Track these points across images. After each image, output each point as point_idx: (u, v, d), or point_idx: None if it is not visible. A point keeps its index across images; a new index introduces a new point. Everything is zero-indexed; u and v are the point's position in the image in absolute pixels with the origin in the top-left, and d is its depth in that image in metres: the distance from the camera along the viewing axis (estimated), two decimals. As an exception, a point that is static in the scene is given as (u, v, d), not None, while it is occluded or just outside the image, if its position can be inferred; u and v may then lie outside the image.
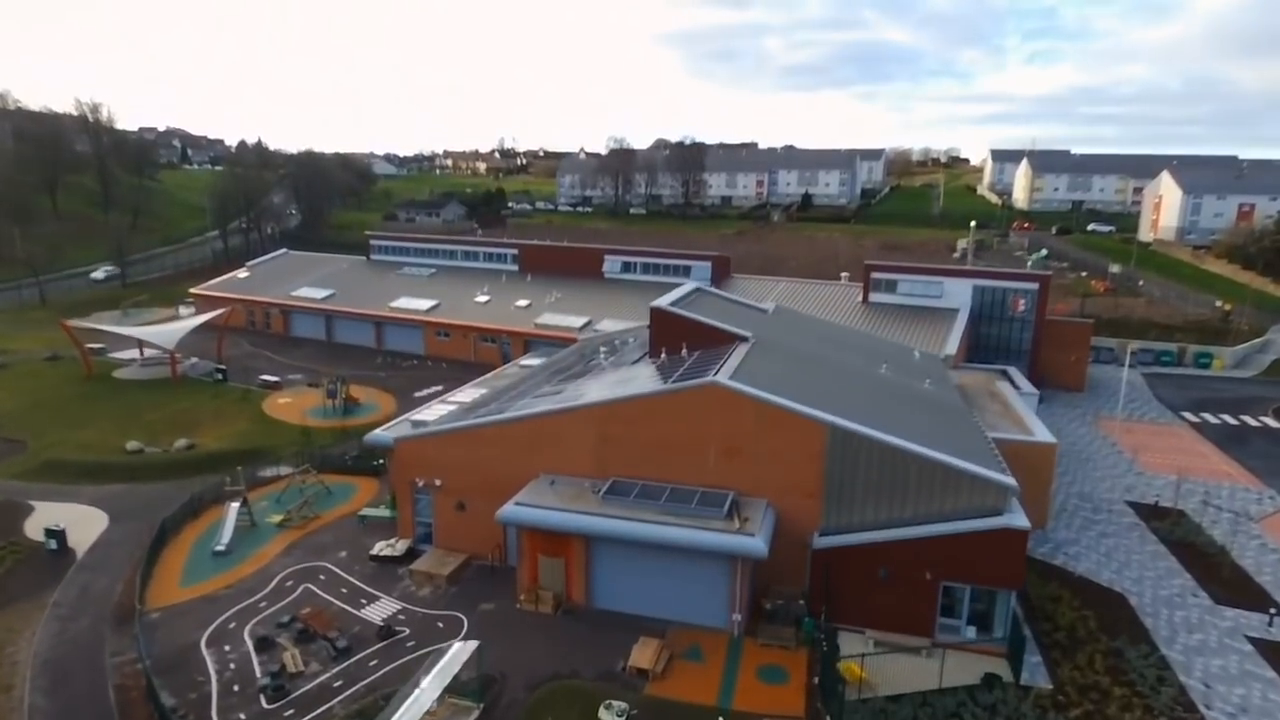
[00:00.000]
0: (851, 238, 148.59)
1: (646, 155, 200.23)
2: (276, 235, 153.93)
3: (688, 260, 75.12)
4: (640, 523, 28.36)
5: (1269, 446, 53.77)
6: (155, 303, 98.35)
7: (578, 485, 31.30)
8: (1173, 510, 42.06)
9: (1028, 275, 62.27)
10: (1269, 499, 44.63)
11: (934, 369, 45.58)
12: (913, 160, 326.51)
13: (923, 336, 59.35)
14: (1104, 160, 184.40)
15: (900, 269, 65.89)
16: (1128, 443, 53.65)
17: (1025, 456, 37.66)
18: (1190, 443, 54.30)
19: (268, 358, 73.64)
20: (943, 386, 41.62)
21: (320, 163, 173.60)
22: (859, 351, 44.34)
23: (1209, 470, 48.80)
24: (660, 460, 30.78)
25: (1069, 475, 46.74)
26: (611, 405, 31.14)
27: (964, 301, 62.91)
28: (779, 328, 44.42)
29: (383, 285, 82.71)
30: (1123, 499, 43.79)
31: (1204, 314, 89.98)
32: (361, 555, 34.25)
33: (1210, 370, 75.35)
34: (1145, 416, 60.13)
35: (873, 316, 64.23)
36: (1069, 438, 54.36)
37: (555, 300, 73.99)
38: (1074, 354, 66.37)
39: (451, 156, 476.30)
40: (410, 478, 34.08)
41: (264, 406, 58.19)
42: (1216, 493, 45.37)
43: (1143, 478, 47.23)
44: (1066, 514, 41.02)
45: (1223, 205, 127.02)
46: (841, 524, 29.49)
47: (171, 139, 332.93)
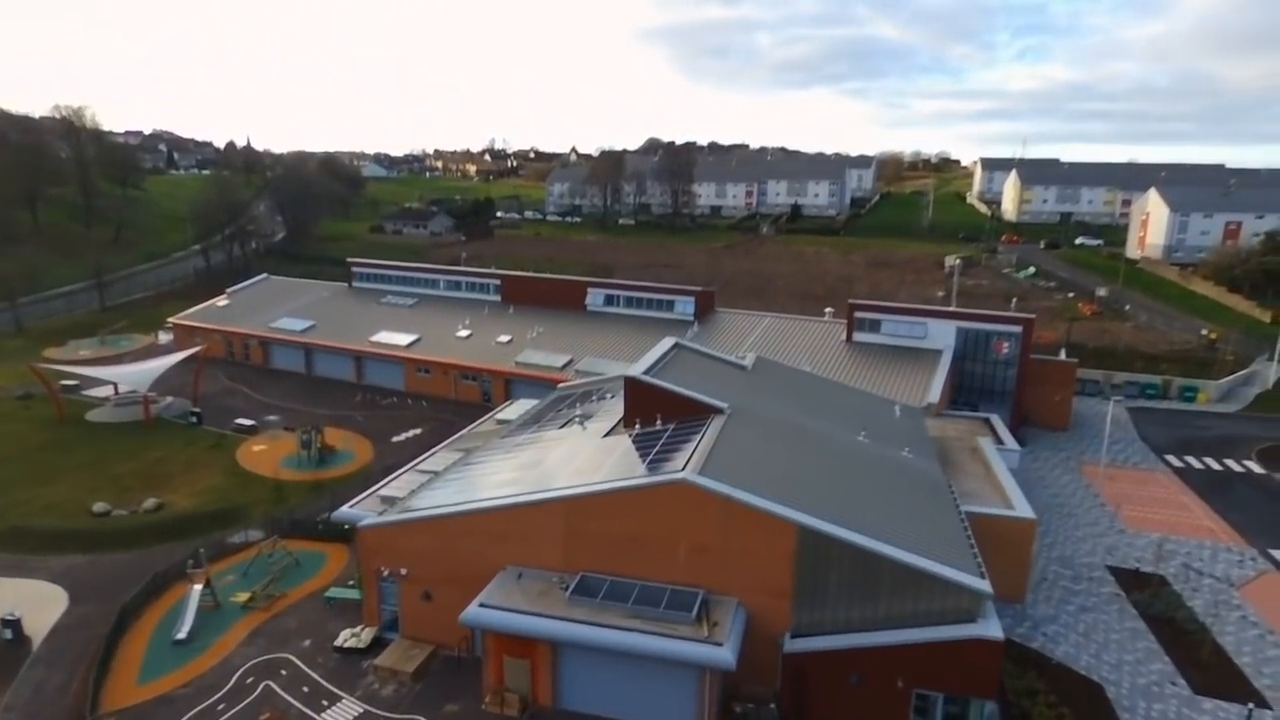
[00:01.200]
0: (840, 253, 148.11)
1: (635, 164, 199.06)
2: (261, 249, 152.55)
3: (671, 295, 74.36)
4: (606, 629, 27.67)
5: (1251, 496, 53.45)
6: (135, 328, 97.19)
7: (545, 580, 30.59)
8: (1154, 578, 41.61)
9: (1011, 318, 61.77)
10: (1250, 560, 44.26)
11: (914, 429, 45.01)
12: (904, 164, 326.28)
13: (906, 380, 58.86)
14: (1093, 171, 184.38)
15: (884, 309, 65.32)
16: (1111, 493, 53.24)
17: (1004, 532, 37.23)
18: (1174, 492, 53.92)
19: (245, 394, 72.61)
20: (922, 453, 41.04)
21: (304, 174, 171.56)
22: (838, 413, 43.71)
23: (1192, 527, 48.41)
24: (629, 555, 30.09)
25: (1051, 535, 46.27)
26: (578, 499, 30.41)
27: (948, 343, 62.40)
28: (757, 389, 43.79)
29: (364, 316, 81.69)
30: (1104, 562, 43.33)
31: (1190, 342, 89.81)
32: (326, 645, 33.45)
33: (1195, 404, 75.12)
34: (1129, 461, 59.74)
35: (856, 357, 63.68)
36: (1051, 488, 53.98)
37: (537, 335, 73.15)
38: (1058, 394, 66.00)
39: (442, 158, 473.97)
40: (375, 566, 33.29)
41: (238, 455, 57.23)
42: (1199, 553, 44.99)
43: (1124, 536, 46.81)
44: (1047, 584, 40.51)
45: (1210, 223, 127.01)
46: (813, 625, 28.86)
47: (158, 143, 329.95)
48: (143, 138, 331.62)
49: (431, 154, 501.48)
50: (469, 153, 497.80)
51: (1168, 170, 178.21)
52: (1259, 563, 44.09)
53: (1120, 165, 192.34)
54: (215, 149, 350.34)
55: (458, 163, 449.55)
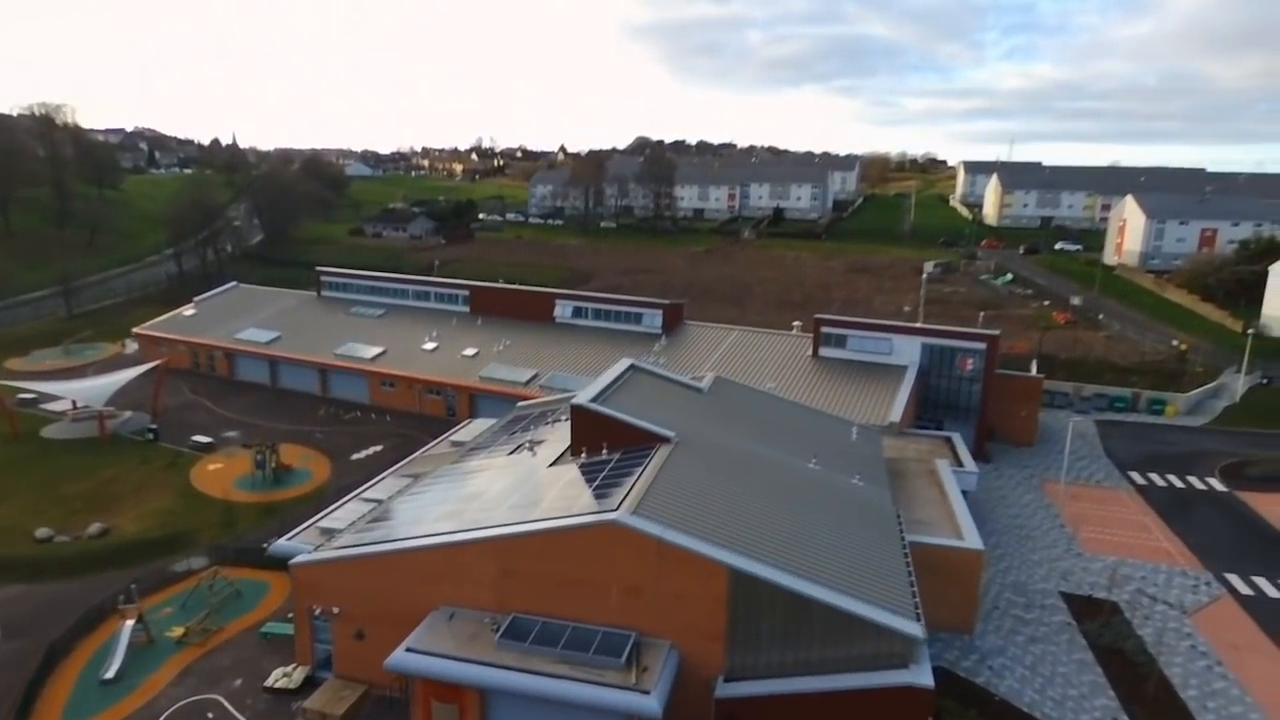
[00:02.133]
0: (820, 258, 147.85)
1: (617, 166, 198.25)
2: (237, 253, 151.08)
3: (639, 308, 73.78)
4: (532, 675, 27.10)
5: (1210, 516, 53.35)
6: (102, 337, 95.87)
7: (478, 621, 29.98)
8: (1106, 605, 41.34)
9: (976, 335, 61.49)
10: (1204, 585, 44.09)
11: (868, 453, 44.59)
12: (889, 165, 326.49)
13: (870, 396, 58.51)
14: (1073, 175, 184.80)
15: (850, 324, 64.93)
16: (1071, 513, 53.04)
17: (952, 563, 36.92)
18: (1134, 512, 53.77)
19: (207, 408, 71.62)
20: (873, 479, 40.63)
21: (283, 176, 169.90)
22: (792, 437, 43.25)
23: (1149, 549, 48.23)
24: (563, 596, 29.52)
25: (1007, 560, 45.98)
26: (509, 540, 29.83)
27: (913, 359, 62.10)
28: (710, 414, 43.28)
29: (330, 327, 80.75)
30: (1058, 589, 43.04)
31: (1161, 352, 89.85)
32: (257, 685, 32.75)
33: (1163, 417, 75.13)
34: (1092, 478, 59.58)
35: (821, 373, 63.31)
36: (1012, 508, 53.75)
37: (504, 349, 72.45)
38: (1024, 409, 65.82)
39: (429, 157, 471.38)
40: (307, 604, 32.60)
41: (192, 475, 56.32)
42: (1154, 578, 44.79)
43: (1081, 560, 46.56)
44: (998, 613, 40.18)
45: (1186, 231, 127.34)
46: (747, 669, 28.38)
47: (138, 141, 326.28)
48: (123, 136, 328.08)
49: (419, 152, 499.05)
50: (456, 151, 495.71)
51: (1147, 175, 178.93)
52: (1213, 588, 43.92)
53: (1101, 169, 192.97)
54: (199, 147, 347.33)
55: (444, 162, 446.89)
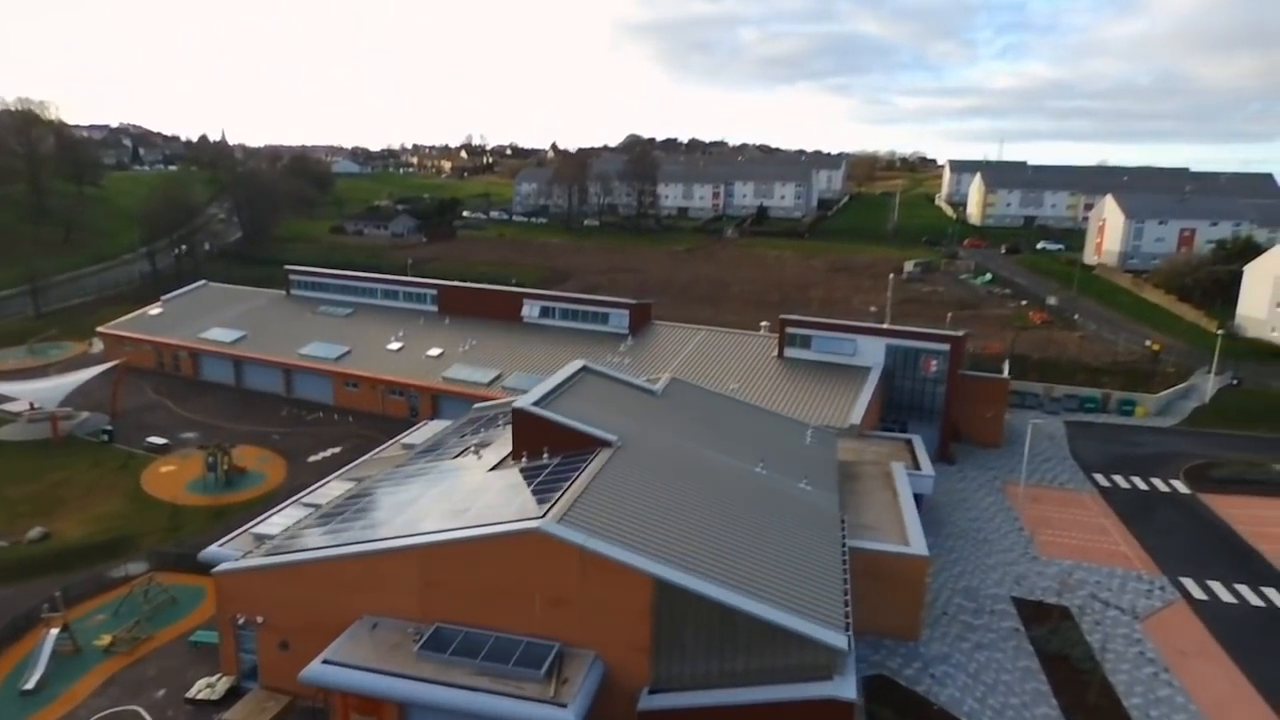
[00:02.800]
0: (801, 257, 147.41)
1: (604, 164, 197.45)
2: (214, 252, 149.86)
3: (606, 308, 73.10)
4: (449, 687, 26.45)
5: (1172, 519, 53.02)
6: (69, 336, 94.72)
7: (400, 631, 29.32)
8: (1056, 610, 40.91)
9: (939, 336, 60.99)
10: (1159, 590, 43.71)
11: (821, 457, 44.03)
12: (877, 164, 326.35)
13: (834, 398, 58.00)
14: (1057, 175, 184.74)
15: (814, 324, 64.37)
16: (1031, 516, 52.63)
17: (897, 569, 36.42)
18: (1095, 515, 53.40)
19: (168, 409, 70.69)
20: (822, 484, 40.09)
21: (262, 176, 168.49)
22: (742, 441, 42.66)
23: (1106, 553, 47.84)
24: (487, 606, 28.88)
25: (961, 564, 45.49)
26: (431, 549, 29.16)
27: (877, 360, 61.61)
28: (661, 417, 42.66)
29: (297, 327, 79.81)
30: (1010, 594, 42.57)
31: (1135, 353, 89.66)
32: (180, 696, 32.00)
33: (1133, 418, 74.88)
34: (1055, 480, 59.21)
35: (786, 373, 62.77)
36: (972, 510, 53.28)
37: (469, 349, 71.69)
38: (990, 410, 65.42)
39: (418, 154, 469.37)
40: (231, 612, 31.86)
41: (143, 478, 55.44)
42: (1109, 582, 44.38)
43: (1036, 564, 46.13)
44: (947, 619, 39.65)
45: (1164, 230, 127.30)
46: (672, 680, 27.78)
47: (123, 137, 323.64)
48: (107, 132, 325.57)
49: (410, 149, 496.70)
50: (447, 149, 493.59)
51: (1130, 175, 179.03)
52: (1167, 592, 43.55)
53: (1084, 169, 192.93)
54: (185, 144, 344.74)
55: (433, 159, 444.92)
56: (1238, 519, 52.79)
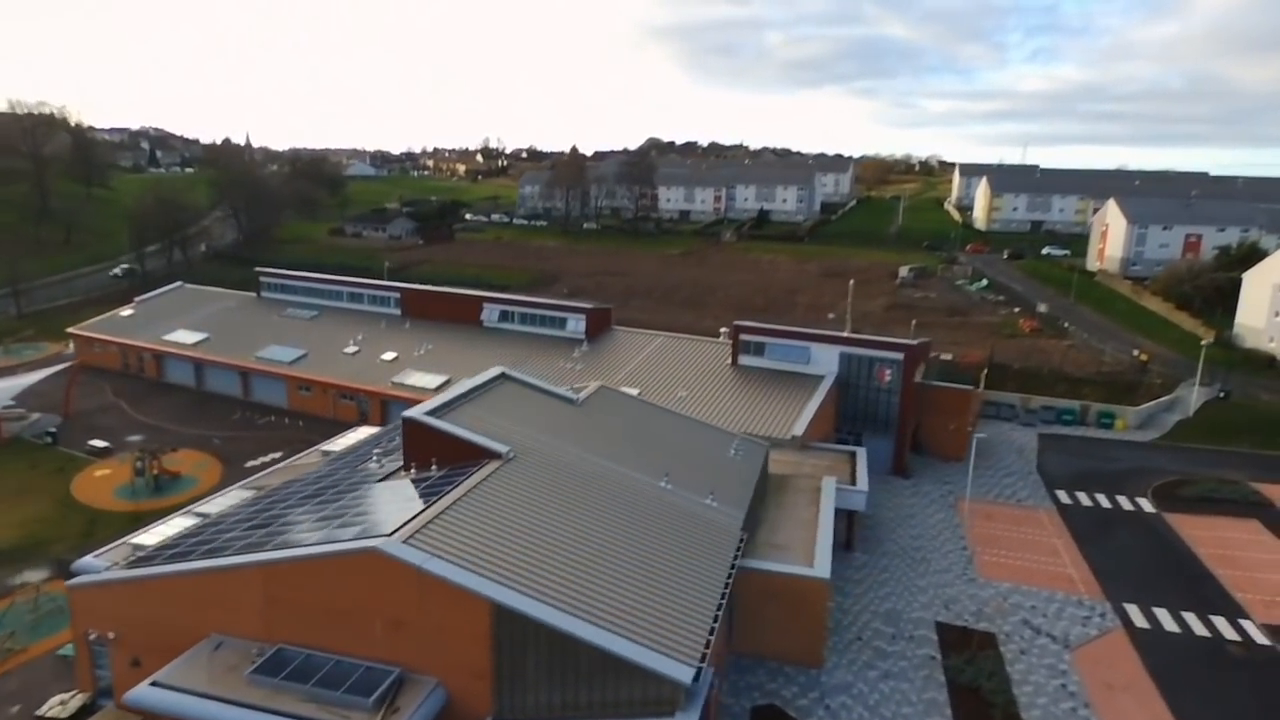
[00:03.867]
0: (796, 261, 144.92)
1: (600, 167, 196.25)
2: (210, 253, 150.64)
3: (564, 313, 71.66)
4: (272, 715, 25.06)
5: (1129, 539, 50.36)
6: (45, 337, 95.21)
7: (244, 652, 27.99)
8: (979, 637, 38.60)
9: (893, 344, 58.69)
10: (1099, 617, 41.24)
11: (741, 471, 42.05)
12: (889, 167, 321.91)
13: (782, 407, 56.00)
14: (1067, 179, 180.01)
15: (768, 331, 62.35)
16: (978, 534, 50.27)
17: (796, 592, 34.61)
18: (1047, 534, 50.89)
19: (122, 411, 70.35)
20: (731, 500, 38.19)
21: (260, 180, 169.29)
22: (657, 453, 40.86)
23: (1050, 575, 45.37)
24: (329, 628, 27.47)
25: (889, 585, 43.33)
26: (274, 566, 27.83)
27: (831, 369, 59.49)
28: (574, 427, 41.02)
29: (260, 329, 79.28)
30: (935, 618, 40.34)
31: (1122, 362, 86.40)
32: (31, 713, 30.98)
33: (1112, 431, 71.93)
34: (1014, 497, 56.71)
35: (739, 381, 60.88)
36: (917, 528, 50.99)
37: (424, 353, 70.60)
38: (953, 422, 63.00)
39: (434, 157, 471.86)
40: (84, 628, 30.77)
41: (75, 481, 54.89)
42: (1046, 607, 41.99)
43: (972, 586, 43.83)
44: (859, 645, 37.57)
45: (1169, 236, 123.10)
46: (515, 710, 26.17)
47: (141, 140, 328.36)
48: (127, 135, 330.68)
49: (430, 152, 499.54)
50: (465, 151, 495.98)
51: (1144, 178, 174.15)
52: (1107, 619, 41.07)
53: (1095, 172, 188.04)
54: (205, 146, 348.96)
55: (448, 162, 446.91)
56: (1200, 541, 50.03)
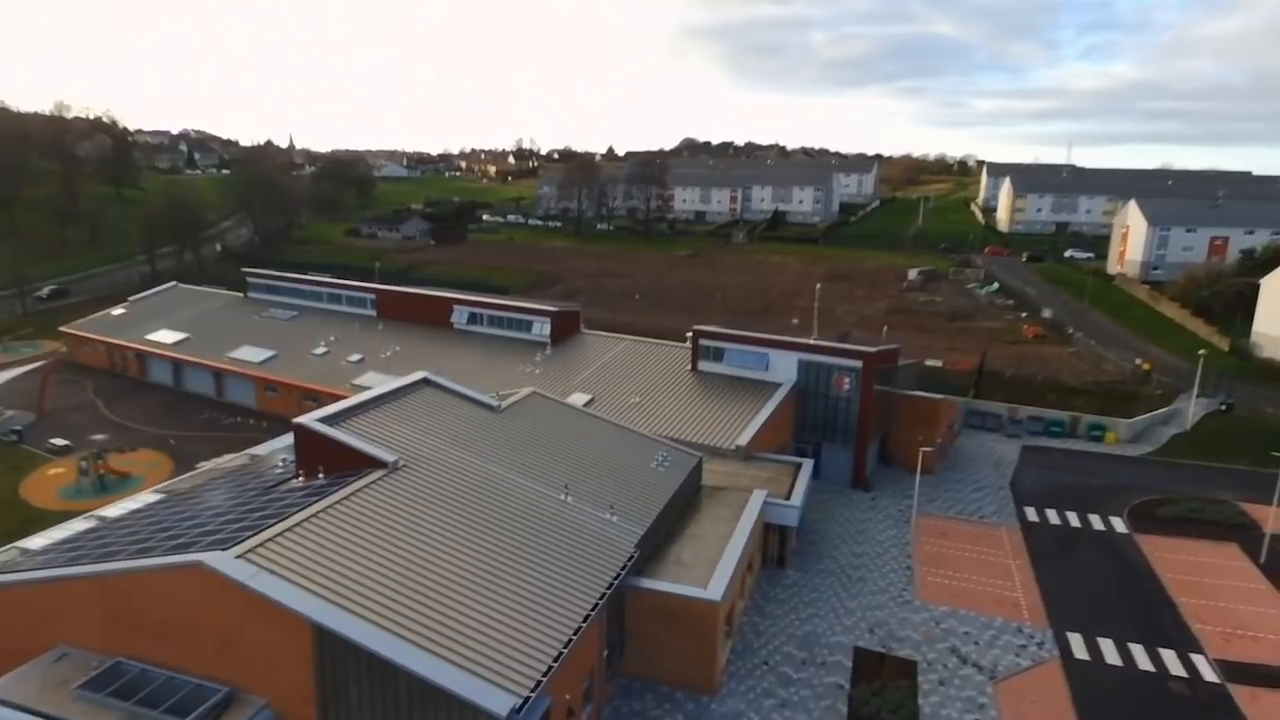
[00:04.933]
0: (805, 264, 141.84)
1: (608, 169, 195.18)
2: (224, 254, 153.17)
3: (530, 315, 70.53)
4: (84, 736, 24.27)
5: (1090, 562, 47.38)
6: (44, 335, 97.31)
7: (84, 664, 27.31)
8: (898, 665, 36.33)
9: (852, 352, 56.19)
10: (1036, 646, 38.59)
11: (655, 485, 40.29)
12: (919, 167, 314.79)
13: (733, 415, 54.11)
14: (1094, 179, 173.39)
15: (727, 337, 60.30)
16: (927, 552, 47.74)
17: (688, 613, 32.92)
18: (1003, 554, 48.11)
19: (95, 410, 71.23)
20: (638, 515, 36.54)
21: (275, 182, 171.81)
22: (567, 464, 39.39)
23: (994, 599, 42.75)
24: (164, 642, 26.63)
25: (814, 606, 41.16)
26: (110, 577, 27.08)
27: (789, 376, 57.30)
28: (485, 435, 39.76)
29: (238, 330, 79.71)
30: (856, 643, 38.13)
31: (1124, 371, 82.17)
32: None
33: (1102, 445, 68.33)
34: (978, 513, 53.90)
35: (695, 387, 59.05)
36: (863, 544, 48.59)
37: (390, 355, 70.11)
38: (923, 433, 60.20)
39: (466, 159, 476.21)
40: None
41: (26, 481, 55.40)
42: (982, 634, 39.47)
43: (907, 609, 41.44)
44: (764, 670, 35.60)
45: (1193, 238, 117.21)
46: (341, 735, 24.98)
47: (181, 142, 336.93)
48: (168, 137, 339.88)
49: (468, 154, 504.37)
50: (498, 153, 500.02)
51: (1177, 178, 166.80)
52: (1044, 649, 38.42)
53: (1129, 172, 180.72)
54: (245, 148, 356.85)
55: (480, 163, 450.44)
56: (1169, 565, 46.83)
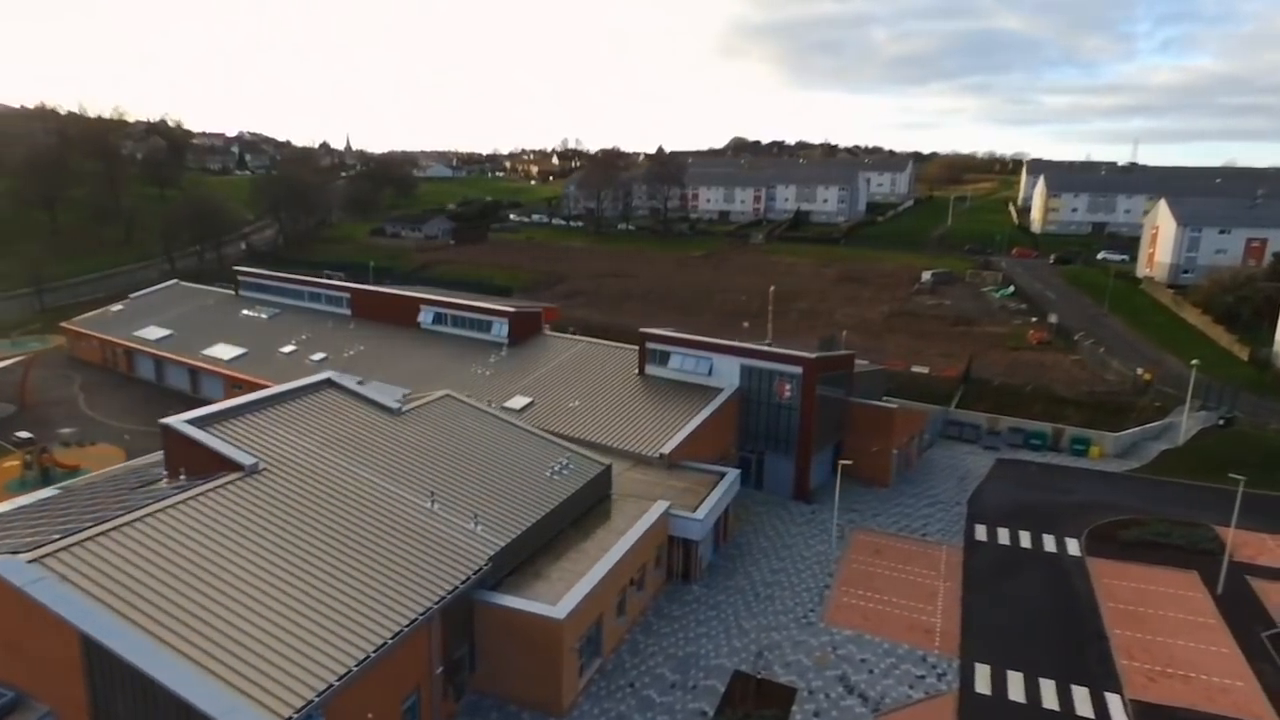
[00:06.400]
0: (818, 265, 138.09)
1: (627, 169, 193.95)
2: (247, 253, 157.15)
3: (489, 316, 69.77)
4: None
5: (1029, 587, 44.19)
6: (50, 330, 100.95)
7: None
8: (776, 693, 34.17)
9: (793, 358, 53.67)
10: (936, 678, 35.93)
11: (543, 494, 38.85)
12: (962, 165, 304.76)
13: (668, 421, 52.21)
14: (1135, 177, 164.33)
15: (673, 340, 58.38)
16: (852, 571, 45.18)
17: (532, 631, 31.50)
18: (935, 576, 45.23)
19: (73, 404, 73.21)
20: (504, 526, 35.26)
21: (298, 180, 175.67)
22: (448, 471, 38.30)
23: (907, 624, 40.08)
24: (-36, 644, 26.41)
25: (706, 626, 39.13)
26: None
27: (732, 382, 55.17)
28: (369, 441, 38.93)
29: (219, 327, 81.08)
30: (737, 667, 36.05)
31: (1125, 381, 77.17)
32: None
33: (1085, 459, 64.29)
34: (922, 530, 50.94)
35: (638, 391, 57.33)
36: (783, 561, 46.23)
37: (352, 354, 70.27)
38: (876, 443, 57.46)
39: (511, 159, 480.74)
40: None
41: (-25, 473, 57.02)
42: (880, 661, 36.95)
43: (807, 631, 39.10)
44: (629, 693, 33.82)
45: (1227, 240, 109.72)
46: (114, 749, 24.33)
47: (233, 145, 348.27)
48: (221, 139, 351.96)
49: (518, 153, 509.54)
50: (544, 153, 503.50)
51: (1229, 176, 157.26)
52: (944, 681, 35.74)
53: (1175, 170, 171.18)
54: (296, 149, 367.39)
55: (525, 164, 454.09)
56: (1114, 593, 43.37)
